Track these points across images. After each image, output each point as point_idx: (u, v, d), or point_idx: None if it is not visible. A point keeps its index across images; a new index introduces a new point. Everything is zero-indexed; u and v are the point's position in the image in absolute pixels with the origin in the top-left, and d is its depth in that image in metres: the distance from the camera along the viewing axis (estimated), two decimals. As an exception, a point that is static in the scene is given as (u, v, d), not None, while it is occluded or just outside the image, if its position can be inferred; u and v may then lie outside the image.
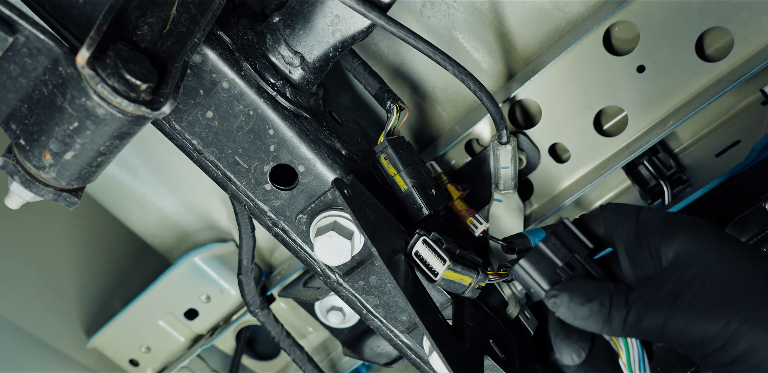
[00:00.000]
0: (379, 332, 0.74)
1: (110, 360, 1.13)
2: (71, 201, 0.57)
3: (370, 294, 0.71)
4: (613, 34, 0.82)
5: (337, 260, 0.66)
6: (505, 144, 0.78)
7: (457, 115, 0.94)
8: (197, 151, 0.68)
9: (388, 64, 0.92)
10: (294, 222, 0.69)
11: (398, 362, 0.89)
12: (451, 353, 0.60)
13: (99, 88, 0.47)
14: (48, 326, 1.06)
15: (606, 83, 0.81)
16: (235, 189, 0.69)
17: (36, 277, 1.09)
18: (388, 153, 0.71)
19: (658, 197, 0.87)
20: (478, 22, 0.86)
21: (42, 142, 0.52)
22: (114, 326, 1.09)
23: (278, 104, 0.66)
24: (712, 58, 0.78)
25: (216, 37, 0.64)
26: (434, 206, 0.72)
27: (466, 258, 0.65)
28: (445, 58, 0.68)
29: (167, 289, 1.07)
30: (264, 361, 1.18)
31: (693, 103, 0.79)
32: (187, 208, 1.10)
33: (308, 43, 0.66)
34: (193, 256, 1.06)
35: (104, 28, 0.48)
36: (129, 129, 0.52)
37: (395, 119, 0.73)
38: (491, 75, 0.90)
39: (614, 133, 0.84)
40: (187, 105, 0.66)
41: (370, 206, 0.67)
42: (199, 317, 1.10)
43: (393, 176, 0.71)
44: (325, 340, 1.14)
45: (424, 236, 0.65)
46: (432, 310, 0.64)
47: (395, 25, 0.63)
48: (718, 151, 0.87)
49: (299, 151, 0.66)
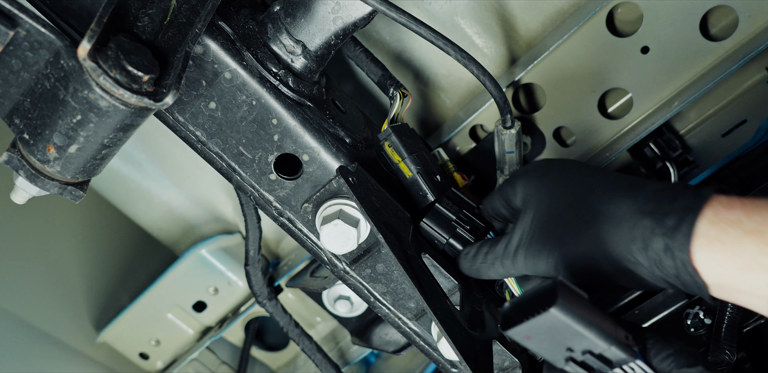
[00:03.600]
0: (387, 320, 0.74)
1: (120, 354, 1.14)
2: (77, 194, 0.57)
3: (377, 282, 0.71)
4: (616, 16, 0.82)
5: (343, 248, 0.66)
6: (509, 128, 0.78)
7: (461, 101, 0.94)
8: (201, 143, 0.68)
9: (390, 51, 0.92)
10: (299, 211, 0.69)
11: (407, 350, 0.89)
12: (459, 339, 0.60)
13: (101, 80, 0.47)
14: (57, 321, 1.06)
15: (610, 65, 0.81)
16: (240, 180, 0.69)
17: (43, 273, 1.09)
18: (391, 140, 0.71)
19: (664, 179, 0.87)
20: (480, 6, 0.85)
21: (46, 136, 0.52)
22: (123, 320, 1.10)
23: (281, 93, 0.66)
24: (717, 38, 0.78)
25: (217, 28, 0.64)
26: (439, 192, 0.71)
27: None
28: (448, 44, 0.67)
29: (175, 282, 1.07)
30: (273, 352, 1.19)
31: (698, 83, 0.78)
32: (192, 200, 1.10)
33: (310, 32, 0.66)
34: (200, 248, 1.06)
35: (105, 20, 0.48)
36: (132, 121, 0.52)
37: (398, 106, 0.73)
38: (494, 60, 0.89)
39: (619, 116, 0.84)
40: (189, 96, 0.65)
41: (376, 193, 0.67)
42: (208, 309, 1.10)
43: (397, 163, 0.71)
44: (333, 329, 1.14)
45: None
46: (440, 296, 0.64)
47: (397, 11, 0.63)
48: (724, 131, 0.86)
49: (303, 140, 0.66)
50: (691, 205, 0.53)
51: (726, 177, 0.83)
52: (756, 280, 0.50)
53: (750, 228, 0.50)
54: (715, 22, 0.80)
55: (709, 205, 0.52)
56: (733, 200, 0.52)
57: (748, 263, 0.50)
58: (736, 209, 0.51)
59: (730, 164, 0.83)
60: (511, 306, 0.49)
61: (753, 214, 0.51)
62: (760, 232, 0.50)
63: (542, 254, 0.60)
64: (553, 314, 0.45)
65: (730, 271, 0.51)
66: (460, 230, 0.70)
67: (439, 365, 0.75)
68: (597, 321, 0.47)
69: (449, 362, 0.73)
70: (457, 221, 0.70)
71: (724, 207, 0.52)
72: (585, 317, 0.47)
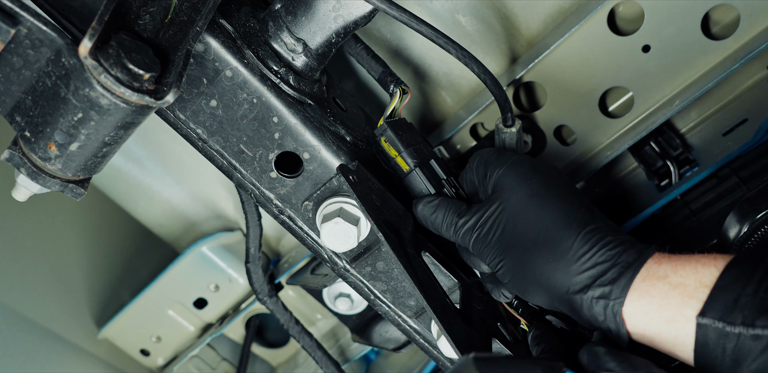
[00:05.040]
0: (387, 318, 0.74)
1: (121, 350, 1.14)
2: (78, 192, 0.57)
3: (377, 280, 0.71)
4: (617, 14, 0.81)
5: (343, 246, 0.66)
6: (510, 127, 0.78)
7: (462, 99, 0.94)
8: (202, 141, 0.68)
9: (390, 49, 0.92)
10: (300, 209, 0.70)
11: (407, 347, 0.89)
12: (459, 337, 0.60)
13: (102, 78, 0.47)
14: (59, 318, 1.07)
15: (611, 64, 0.81)
16: (241, 177, 0.69)
17: (45, 269, 1.09)
18: (387, 135, 0.70)
19: (665, 178, 0.87)
20: (481, 5, 0.85)
21: (47, 133, 0.52)
22: (124, 317, 1.10)
23: (282, 92, 0.66)
24: (718, 36, 0.77)
25: (218, 26, 0.64)
26: (438, 184, 0.71)
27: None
28: (449, 42, 0.67)
29: (176, 279, 1.08)
30: (274, 348, 1.19)
31: (699, 82, 0.78)
32: (193, 198, 1.11)
33: (310, 30, 0.66)
34: (201, 245, 1.06)
35: (106, 18, 0.48)
36: (133, 119, 0.52)
37: (396, 102, 0.73)
38: (495, 58, 0.89)
39: (620, 115, 0.84)
40: (190, 94, 0.66)
41: (376, 191, 0.67)
42: (209, 306, 1.10)
43: (394, 158, 0.70)
44: (333, 327, 1.14)
45: None
46: (440, 294, 0.64)
47: (397, 9, 0.63)
48: (725, 130, 0.86)
49: (304, 139, 0.66)
50: (632, 262, 0.57)
51: (726, 176, 0.83)
52: (680, 331, 0.54)
53: (676, 282, 0.54)
54: (717, 21, 0.80)
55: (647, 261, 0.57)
56: (663, 256, 0.57)
57: (673, 315, 0.54)
58: (664, 265, 0.56)
59: (731, 163, 0.83)
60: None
61: (678, 268, 0.55)
62: (684, 285, 0.54)
63: (490, 251, 0.64)
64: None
65: (657, 322, 0.55)
66: (447, 190, 0.71)
67: (438, 362, 0.75)
68: (521, 371, 0.50)
69: (449, 359, 0.74)
70: (447, 180, 0.71)
71: (655, 263, 0.56)
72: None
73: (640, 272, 0.56)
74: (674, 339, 0.54)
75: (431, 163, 0.71)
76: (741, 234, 0.71)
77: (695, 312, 0.53)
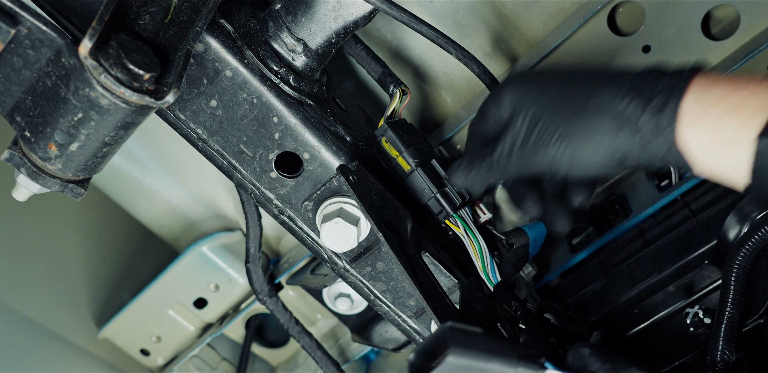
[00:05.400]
0: (387, 318, 0.74)
1: (121, 350, 1.14)
2: (78, 192, 0.57)
3: (377, 280, 0.71)
4: (617, 15, 0.82)
5: (343, 246, 0.66)
6: (510, 128, 0.78)
7: (462, 99, 0.94)
8: (202, 141, 0.68)
9: (390, 49, 0.92)
10: (300, 209, 0.70)
11: (407, 347, 0.89)
12: (460, 337, 0.60)
13: (102, 78, 0.47)
14: (58, 317, 1.07)
15: (611, 64, 0.81)
16: (241, 178, 0.69)
17: (45, 269, 1.09)
18: (388, 135, 0.70)
19: (665, 178, 0.87)
20: (481, 5, 0.85)
21: (47, 133, 0.52)
22: (124, 317, 1.10)
23: (282, 92, 0.66)
24: (719, 37, 0.78)
25: (218, 26, 0.64)
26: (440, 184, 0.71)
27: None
28: (449, 42, 0.67)
29: (176, 279, 1.08)
30: (274, 348, 1.19)
31: (699, 83, 0.78)
32: (193, 198, 1.11)
33: (311, 30, 0.66)
34: (201, 245, 1.06)
35: (106, 18, 0.48)
36: (133, 119, 0.52)
37: (396, 102, 0.73)
38: (495, 58, 0.89)
39: (620, 115, 0.84)
40: (190, 94, 0.66)
41: (376, 191, 0.67)
42: (209, 306, 1.10)
43: (395, 158, 0.71)
44: (333, 327, 1.14)
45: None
46: (439, 294, 0.64)
47: (398, 9, 0.63)
48: (724, 130, 0.86)
49: (304, 139, 0.66)
50: (675, 84, 0.53)
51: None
52: (740, 154, 0.50)
53: (735, 103, 0.51)
54: (717, 22, 0.80)
55: (695, 83, 0.53)
56: (719, 78, 0.53)
57: (733, 138, 0.51)
58: (721, 86, 0.52)
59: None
60: (416, 355, 0.51)
61: (739, 89, 0.51)
62: (744, 106, 0.51)
63: (539, 152, 0.60)
64: (450, 361, 0.48)
65: (715, 146, 0.52)
66: (448, 189, 0.70)
67: (438, 362, 0.75)
68: (496, 351, 0.50)
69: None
70: (449, 180, 0.71)
71: (710, 84, 0.53)
72: (482, 353, 0.49)
73: (691, 94, 0.53)
74: (733, 164, 0.51)
75: (432, 163, 0.71)
76: (741, 234, 0.71)
77: (756, 132, 0.49)
